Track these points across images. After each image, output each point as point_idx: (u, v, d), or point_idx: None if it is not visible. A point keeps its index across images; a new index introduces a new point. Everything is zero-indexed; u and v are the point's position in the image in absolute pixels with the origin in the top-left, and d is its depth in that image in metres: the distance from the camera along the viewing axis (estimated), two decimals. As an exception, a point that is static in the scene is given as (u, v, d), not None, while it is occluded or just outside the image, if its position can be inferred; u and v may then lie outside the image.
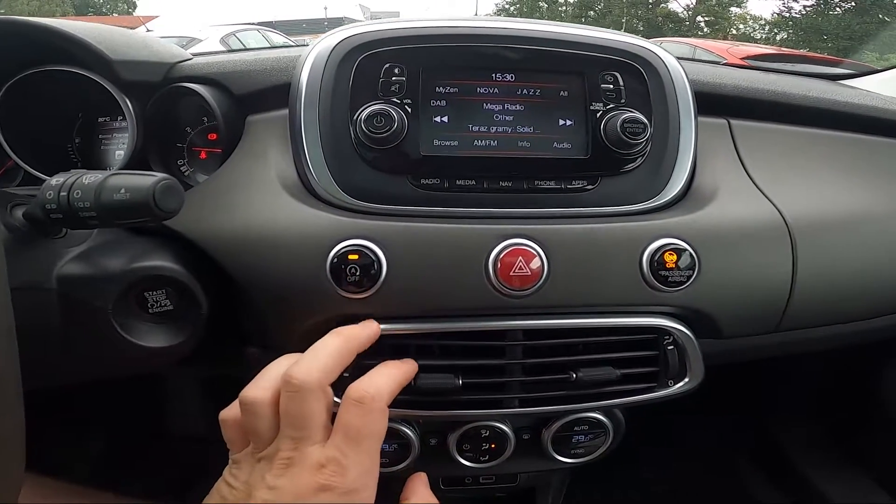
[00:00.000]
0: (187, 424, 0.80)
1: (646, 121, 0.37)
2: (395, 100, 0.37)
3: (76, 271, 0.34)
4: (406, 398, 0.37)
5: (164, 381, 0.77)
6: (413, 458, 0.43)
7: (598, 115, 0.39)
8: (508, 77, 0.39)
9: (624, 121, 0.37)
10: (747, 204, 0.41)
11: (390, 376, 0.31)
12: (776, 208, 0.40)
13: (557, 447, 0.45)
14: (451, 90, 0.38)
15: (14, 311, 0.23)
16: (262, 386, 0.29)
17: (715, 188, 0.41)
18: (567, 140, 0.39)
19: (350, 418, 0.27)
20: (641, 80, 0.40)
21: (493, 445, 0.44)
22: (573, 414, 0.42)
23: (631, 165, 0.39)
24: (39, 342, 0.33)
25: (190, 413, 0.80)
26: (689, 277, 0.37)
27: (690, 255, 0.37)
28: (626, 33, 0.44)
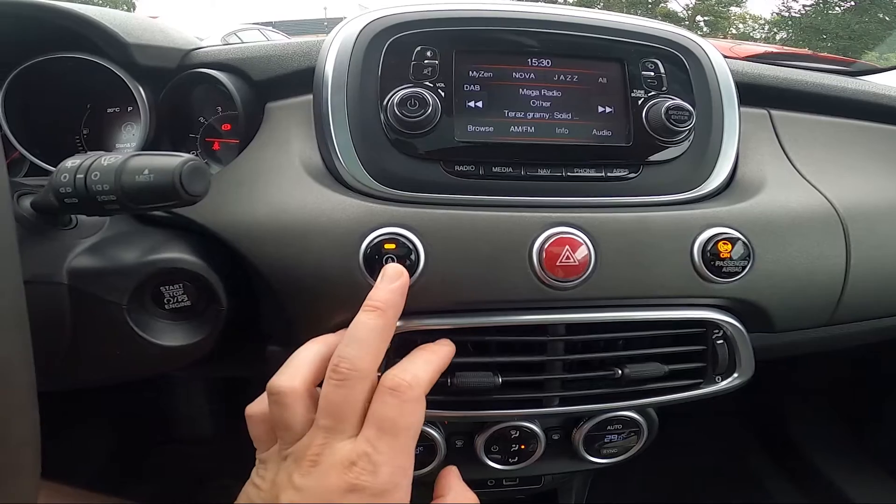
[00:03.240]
0: (195, 428, 0.79)
1: (691, 108, 0.36)
2: (427, 83, 0.35)
3: (88, 264, 0.32)
4: (438, 398, 0.35)
5: (171, 383, 0.75)
6: (439, 460, 0.41)
7: (640, 102, 0.37)
8: (545, 62, 0.37)
9: (668, 108, 0.36)
10: (797, 194, 0.39)
11: (428, 362, 0.28)
12: (826, 198, 0.39)
13: (589, 447, 0.43)
14: (486, 75, 0.36)
15: None
16: (292, 374, 0.27)
17: (762, 178, 0.40)
18: (607, 127, 0.37)
19: (384, 409, 0.25)
20: (683, 68, 0.39)
21: (522, 446, 0.42)
22: (609, 412, 0.41)
23: (673, 154, 0.38)
24: (49, 340, 0.31)
25: (197, 416, 0.78)
26: (743, 268, 0.35)
27: (744, 244, 0.35)
28: (664, 21, 0.42)
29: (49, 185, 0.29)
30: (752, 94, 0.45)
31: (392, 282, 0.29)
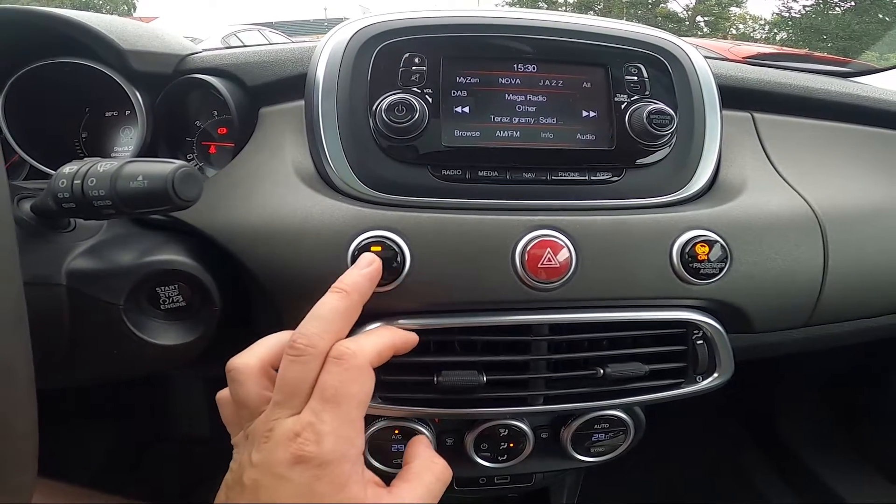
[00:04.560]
0: (192, 426, 0.79)
1: (672, 112, 0.37)
2: (415, 89, 0.36)
3: (86, 266, 0.33)
4: (425, 396, 0.36)
5: (169, 382, 0.76)
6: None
7: (623, 106, 0.38)
8: (530, 68, 0.38)
9: (650, 112, 0.37)
10: (776, 196, 0.40)
11: (378, 335, 0.29)
12: (805, 201, 0.40)
13: (577, 446, 0.44)
14: (472, 80, 0.37)
15: None
16: (251, 352, 0.28)
17: (742, 181, 0.41)
18: (591, 132, 0.38)
19: (327, 378, 0.25)
20: (666, 72, 0.40)
21: (511, 444, 0.43)
22: (595, 411, 0.42)
23: (656, 157, 0.39)
24: (48, 340, 0.32)
25: (195, 415, 0.79)
26: (720, 270, 0.36)
27: (722, 246, 0.36)
28: (649, 26, 0.43)
29: (48, 189, 0.30)
30: (736, 97, 0.46)
31: (363, 269, 0.30)
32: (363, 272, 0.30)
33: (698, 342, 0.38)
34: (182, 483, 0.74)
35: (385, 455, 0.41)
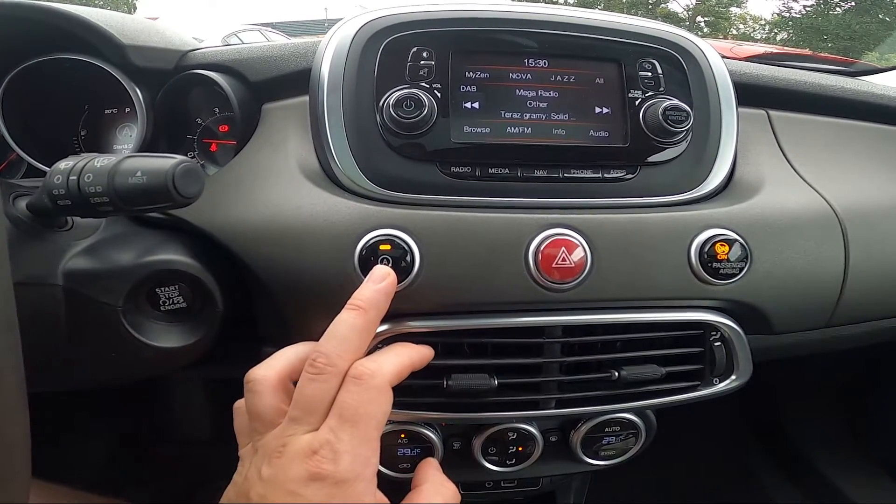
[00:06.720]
0: (193, 428, 0.79)
1: (688, 109, 0.36)
2: (423, 84, 0.35)
3: (84, 266, 0.32)
4: (434, 400, 0.35)
5: (169, 384, 0.75)
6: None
7: (637, 102, 0.37)
8: (541, 63, 0.37)
9: (666, 108, 0.36)
10: (795, 194, 0.39)
11: (398, 355, 0.29)
12: (824, 199, 0.39)
13: (586, 449, 0.43)
14: (482, 75, 0.36)
15: (17, 307, 0.21)
16: (270, 365, 0.27)
17: (760, 178, 0.40)
18: (604, 128, 0.37)
19: (347, 397, 0.25)
20: (680, 68, 0.39)
21: (519, 448, 0.42)
22: (606, 415, 0.41)
23: (671, 154, 0.38)
24: (44, 341, 0.31)
25: (196, 417, 0.78)
26: (740, 269, 0.35)
27: (742, 245, 0.35)
28: (663, 21, 0.42)
29: (43, 186, 0.29)
30: (751, 94, 0.45)
31: (378, 283, 0.29)
32: (378, 287, 0.29)
33: (716, 344, 0.37)
34: (182, 485, 0.74)
35: (391, 459, 0.40)
